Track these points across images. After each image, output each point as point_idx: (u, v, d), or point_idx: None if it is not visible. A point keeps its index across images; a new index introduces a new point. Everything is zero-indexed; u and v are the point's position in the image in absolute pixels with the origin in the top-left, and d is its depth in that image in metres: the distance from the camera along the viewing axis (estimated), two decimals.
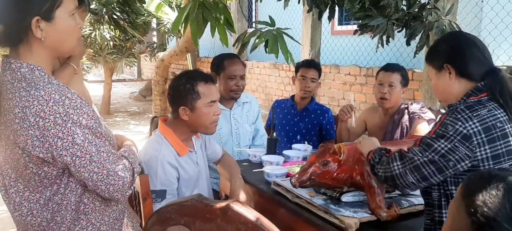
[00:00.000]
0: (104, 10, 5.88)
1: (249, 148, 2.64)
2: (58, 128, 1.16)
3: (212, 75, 1.94)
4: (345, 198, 1.68)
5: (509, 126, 1.35)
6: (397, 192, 1.76)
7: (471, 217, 0.85)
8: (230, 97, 2.57)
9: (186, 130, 1.88)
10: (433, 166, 1.34)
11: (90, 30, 6.72)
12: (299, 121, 2.94)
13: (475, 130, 1.30)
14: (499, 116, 1.34)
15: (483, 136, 1.30)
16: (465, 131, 1.30)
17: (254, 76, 6.83)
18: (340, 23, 6.56)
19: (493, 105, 1.36)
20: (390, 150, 1.56)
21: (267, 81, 6.66)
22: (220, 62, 2.60)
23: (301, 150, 2.43)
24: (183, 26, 2.72)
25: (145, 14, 6.12)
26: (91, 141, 1.22)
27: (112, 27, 6.38)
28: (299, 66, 2.90)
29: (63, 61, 1.80)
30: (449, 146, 1.31)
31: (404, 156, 1.41)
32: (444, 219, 1.39)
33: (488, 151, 1.31)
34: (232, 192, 1.86)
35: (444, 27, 2.46)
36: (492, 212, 0.82)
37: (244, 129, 2.64)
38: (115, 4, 5.47)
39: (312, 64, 2.92)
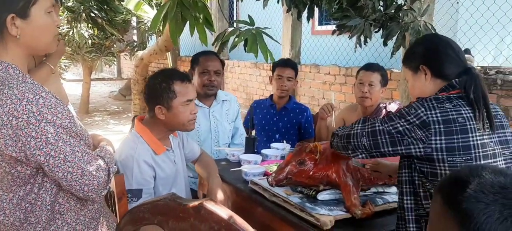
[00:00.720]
0: (82, 7, 5.78)
1: (228, 146, 2.64)
2: (31, 127, 1.15)
3: (188, 74, 1.92)
4: (321, 196, 1.69)
5: (472, 123, 1.38)
6: (373, 190, 1.78)
7: (453, 214, 0.86)
8: (204, 93, 2.56)
9: (163, 128, 1.87)
10: (388, 136, 1.39)
11: (67, 28, 6.60)
12: (278, 120, 2.95)
13: (435, 118, 1.35)
14: (463, 112, 1.38)
15: (441, 126, 1.35)
16: (425, 117, 1.35)
17: (235, 76, 6.83)
18: (320, 23, 6.62)
19: (460, 103, 1.41)
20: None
21: (248, 81, 6.66)
22: (196, 58, 2.61)
23: (279, 148, 2.44)
24: (161, 24, 2.71)
25: (124, 13, 6.04)
26: (65, 140, 1.20)
27: (90, 25, 6.28)
28: (275, 66, 2.91)
29: (39, 60, 1.76)
30: (407, 126, 1.37)
31: (367, 120, 1.48)
32: (405, 204, 1.44)
33: (443, 141, 1.35)
34: (210, 191, 1.86)
35: (419, 28, 2.50)
36: (474, 186, 0.84)
37: (223, 127, 2.64)
38: (92, 2, 5.38)
39: (288, 63, 2.93)
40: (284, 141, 2.67)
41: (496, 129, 1.43)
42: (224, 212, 0.99)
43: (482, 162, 1.37)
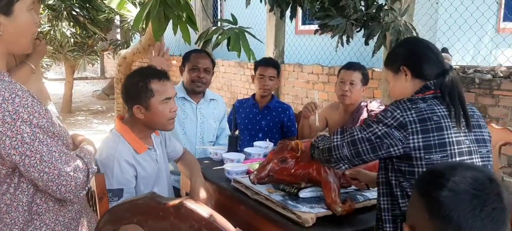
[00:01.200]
0: (63, 6, 5.69)
1: (213, 145, 2.65)
2: (6, 126, 1.13)
3: (166, 72, 1.90)
4: (303, 194, 1.71)
5: (447, 120, 1.42)
6: (353, 187, 1.81)
7: (432, 215, 0.88)
8: (192, 89, 2.58)
9: (143, 127, 1.86)
10: (368, 144, 1.42)
11: (49, 27, 6.50)
12: (261, 119, 2.96)
13: (411, 119, 1.39)
14: (437, 110, 1.43)
15: (417, 125, 1.39)
16: (401, 119, 1.39)
17: (219, 75, 6.82)
18: (303, 23, 6.66)
19: (434, 102, 1.45)
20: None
21: (232, 80, 6.66)
22: (188, 55, 2.66)
23: (262, 147, 2.45)
24: (144, 23, 2.70)
25: (107, 11, 5.97)
26: (42, 140, 1.19)
27: (71, 23, 6.19)
28: (257, 65, 2.93)
29: (21, 60, 1.74)
30: (385, 129, 1.40)
31: (345, 130, 1.50)
32: (382, 205, 1.47)
33: (420, 140, 1.38)
34: (192, 190, 1.86)
35: (400, 28, 2.54)
36: (449, 178, 0.87)
37: (209, 124, 2.66)
38: (74, 0, 5.30)
39: (270, 63, 2.95)
40: (267, 139, 2.68)
41: (472, 127, 1.46)
42: (204, 211, 0.99)
43: (457, 159, 1.40)
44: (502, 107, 3.39)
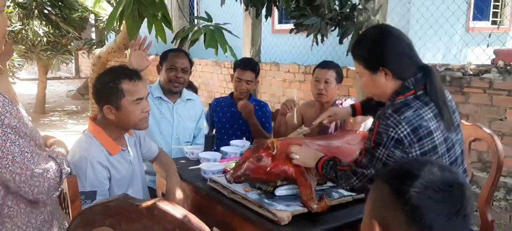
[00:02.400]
0: (34, 4, 5.54)
1: (189, 145, 2.63)
2: None
3: (138, 72, 1.87)
4: (279, 192, 1.72)
5: (433, 122, 1.45)
6: (329, 184, 1.83)
7: (401, 196, 0.88)
8: (169, 89, 2.56)
9: (115, 128, 1.83)
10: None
11: (20, 25, 6.33)
12: (238, 117, 2.96)
13: (405, 133, 1.40)
14: (423, 115, 1.44)
15: (412, 136, 1.41)
16: (396, 136, 1.40)
17: (196, 74, 6.78)
18: (280, 22, 6.68)
19: (418, 105, 1.45)
20: (334, 157, 1.63)
21: (209, 79, 6.63)
22: (165, 54, 2.64)
23: (239, 146, 2.45)
24: (118, 22, 2.66)
25: (80, 10, 5.85)
26: (14, 140, 1.17)
27: (43, 22, 6.04)
28: (236, 66, 2.92)
29: None
30: (386, 152, 1.42)
31: (357, 172, 1.51)
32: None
33: (417, 149, 1.42)
34: (168, 191, 1.85)
35: None
36: (424, 182, 0.87)
37: (185, 125, 2.64)
38: None
39: (248, 66, 2.91)
40: (244, 138, 2.68)
41: (457, 125, 1.53)
42: (178, 212, 0.99)
43: (446, 156, 1.47)
44: (472, 104, 3.49)
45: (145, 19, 2.56)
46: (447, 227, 0.85)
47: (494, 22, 6.56)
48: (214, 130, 2.98)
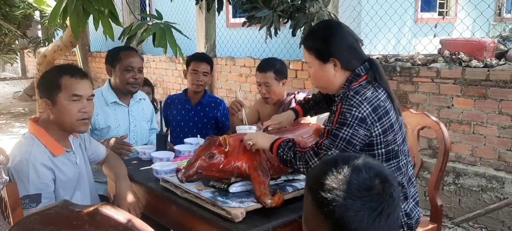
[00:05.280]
0: None
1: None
2: None
3: (84, 71, 1.81)
4: (233, 188, 1.70)
5: (387, 103, 1.55)
6: (283, 178, 1.82)
7: (321, 207, 0.87)
8: (127, 91, 2.46)
9: (57, 129, 1.74)
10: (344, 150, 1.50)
11: None
12: (194, 115, 2.91)
13: (367, 112, 1.48)
14: (380, 96, 1.53)
15: (373, 115, 1.49)
16: (360, 115, 1.47)
17: (150, 71, 6.62)
18: (234, 16, 6.64)
19: (373, 88, 1.55)
20: (292, 139, 1.65)
21: (164, 75, 6.50)
22: (116, 54, 2.48)
23: (192, 144, 2.40)
24: (61, 19, 2.53)
25: (22, 6, 5.54)
26: None
27: None
28: (190, 60, 2.86)
29: None
30: (351, 131, 1.48)
31: (319, 153, 1.54)
32: None
33: (379, 127, 1.51)
34: (117, 195, 1.77)
35: (324, 18, 2.60)
36: (341, 193, 0.85)
37: (142, 127, 2.56)
38: None
39: (203, 58, 2.90)
40: (198, 135, 2.63)
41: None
42: (122, 216, 0.94)
43: (398, 135, 1.58)
44: (421, 93, 3.61)
45: (91, 16, 2.45)
46: (370, 230, 0.85)
47: (440, 13, 6.84)
48: (167, 129, 2.91)
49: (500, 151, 3.31)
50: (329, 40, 1.61)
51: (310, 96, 2.13)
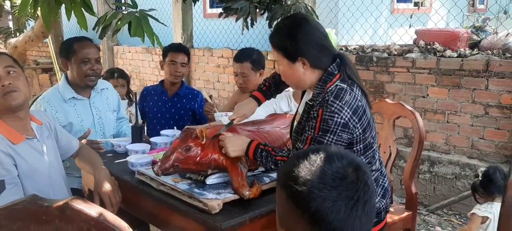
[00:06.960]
0: None
1: (114, 137, 2.50)
2: None
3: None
4: (210, 180, 1.68)
5: (363, 100, 1.56)
6: (260, 169, 1.82)
7: (296, 202, 0.86)
8: (85, 84, 2.35)
9: (12, 115, 1.67)
10: None
11: None
12: (171, 106, 2.87)
13: (348, 116, 1.49)
14: (357, 95, 1.54)
15: (354, 118, 1.50)
16: (342, 121, 1.48)
17: (126, 62, 6.51)
18: (211, 6, 6.58)
19: (349, 88, 1.53)
20: (267, 146, 1.62)
21: (140, 67, 6.40)
22: (69, 46, 2.35)
23: (169, 135, 2.37)
24: (32, 7, 2.44)
25: None
26: None
27: None
28: (167, 51, 2.81)
29: None
30: (334, 137, 1.49)
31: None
32: None
33: (359, 127, 1.53)
34: (96, 184, 1.73)
35: (301, 10, 2.60)
36: (316, 184, 0.84)
37: (107, 117, 2.47)
38: None
39: (181, 49, 2.85)
40: (175, 127, 2.60)
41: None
42: (93, 210, 0.92)
43: (374, 132, 1.61)
44: (397, 83, 3.66)
45: (63, 5, 2.37)
46: (348, 219, 0.84)
47: (416, 4, 6.93)
48: (143, 121, 2.87)
49: (473, 139, 3.39)
50: (296, 38, 1.55)
51: (269, 79, 2.01)
